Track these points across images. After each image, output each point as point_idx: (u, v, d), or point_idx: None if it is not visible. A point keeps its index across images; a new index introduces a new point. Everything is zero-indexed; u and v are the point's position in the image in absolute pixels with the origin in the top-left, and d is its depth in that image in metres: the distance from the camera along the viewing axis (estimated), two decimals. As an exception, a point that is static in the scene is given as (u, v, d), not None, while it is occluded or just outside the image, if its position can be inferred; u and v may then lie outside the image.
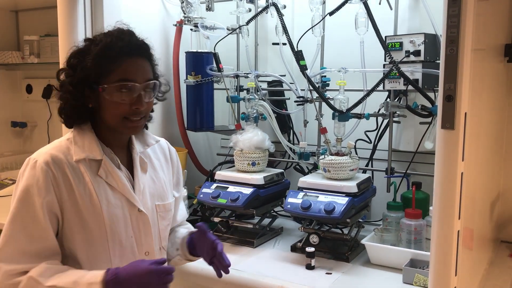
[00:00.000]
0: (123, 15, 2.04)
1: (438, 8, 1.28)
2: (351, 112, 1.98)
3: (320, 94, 2.03)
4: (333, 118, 2.00)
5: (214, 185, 2.13)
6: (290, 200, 1.92)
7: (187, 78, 2.41)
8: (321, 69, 2.12)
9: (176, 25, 2.51)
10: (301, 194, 1.92)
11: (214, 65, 2.34)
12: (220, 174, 2.17)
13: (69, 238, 1.32)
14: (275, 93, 2.47)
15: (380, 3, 1.97)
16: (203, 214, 2.30)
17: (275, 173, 2.18)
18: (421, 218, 1.81)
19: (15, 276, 1.25)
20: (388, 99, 1.97)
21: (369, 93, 1.93)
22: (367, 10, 1.93)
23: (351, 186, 1.88)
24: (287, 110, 2.41)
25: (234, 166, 2.22)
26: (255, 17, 2.27)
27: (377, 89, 1.92)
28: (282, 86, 2.41)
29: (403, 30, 2.00)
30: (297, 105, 2.18)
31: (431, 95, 1.87)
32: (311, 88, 2.05)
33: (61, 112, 1.38)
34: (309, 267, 1.81)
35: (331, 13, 2.01)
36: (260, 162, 2.15)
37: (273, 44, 2.31)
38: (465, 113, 1.24)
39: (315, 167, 2.20)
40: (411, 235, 1.80)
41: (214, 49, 2.30)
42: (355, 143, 2.13)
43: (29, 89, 3.39)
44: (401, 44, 1.86)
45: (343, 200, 1.83)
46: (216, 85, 2.44)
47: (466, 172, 1.27)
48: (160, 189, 1.50)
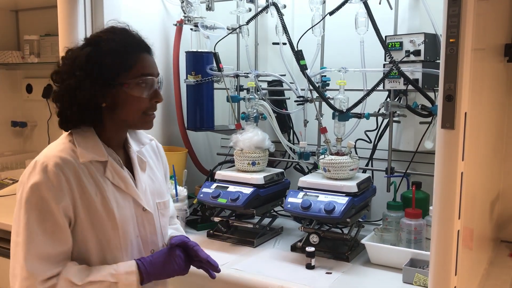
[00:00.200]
0: (123, 15, 2.05)
1: (438, 8, 1.28)
2: (351, 112, 1.98)
3: (320, 94, 2.03)
4: (333, 118, 2.00)
5: (214, 185, 2.14)
6: (290, 200, 1.92)
7: (187, 78, 2.41)
8: (321, 69, 2.12)
9: (176, 25, 2.51)
10: (301, 194, 1.92)
11: (214, 65, 2.34)
12: (220, 174, 2.17)
13: (81, 241, 1.29)
14: (275, 93, 2.47)
15: (380, 3, 1.97)
16: (203, 214, 2.30)
17: (275, 173, 2.18)
18: (421, 218, 1.82)
19: (48, 281, 1.23)
20: (388, 99, 1.96)
21: (369, 93, 1.93)
22: (367, 10, 1.93)
23: (351, 186, 1.88)
24: (287, 110, 2.41)
25: (234, 166, 2.22)
26: (255, 17, 2.27)
27: (377, 89, 1.92)
28: (282, 86, 2.40)
29: (403, 30, 2.00)
30: (297, 105, 2.18)
31: (431, 95, 1.87)
32: (311, 88, 2.05)
33: (64, 114, 1.32)
34: (309, 267, 1.81)
35: (331, 13, 2.01)
36: (260, 162, 2.15)
37: (273, 44, 2.31)
38: (465, 113, 1.24)
39: (315, 167, 2.20)
40: (411, 235, 1.80)
41: (214, 49, 2.30)
42: (355, 143, 2.13)
43: (29, 89, 3.39)
44: (401, 44, 1.86)
45: (343, 200, 1.83)
46: (216, 85, 2.43)
47: (466, 172, 1.27)
48: (158, 187, 1.50)
